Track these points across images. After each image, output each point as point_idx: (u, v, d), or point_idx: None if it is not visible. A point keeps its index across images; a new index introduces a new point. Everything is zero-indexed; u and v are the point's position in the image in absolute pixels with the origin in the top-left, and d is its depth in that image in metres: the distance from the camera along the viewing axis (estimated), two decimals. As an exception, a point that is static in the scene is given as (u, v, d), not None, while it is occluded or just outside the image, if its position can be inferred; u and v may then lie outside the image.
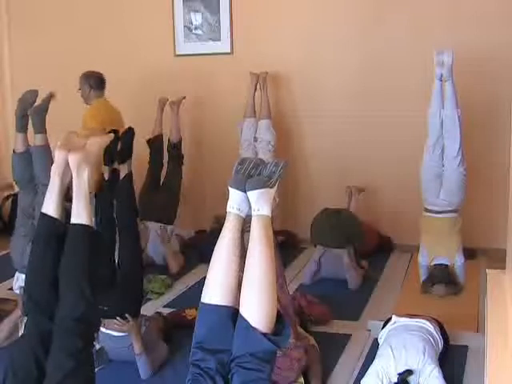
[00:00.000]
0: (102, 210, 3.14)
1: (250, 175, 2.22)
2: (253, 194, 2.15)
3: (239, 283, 2.11)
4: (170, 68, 5.84)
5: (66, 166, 2.25)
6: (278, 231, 4.51)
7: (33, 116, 4.19)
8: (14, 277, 4.25)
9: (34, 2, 6.22)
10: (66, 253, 2.19)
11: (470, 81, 4.76)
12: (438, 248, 4.38)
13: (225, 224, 2.18)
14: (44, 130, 4.19)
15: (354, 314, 4.12)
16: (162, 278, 4.65)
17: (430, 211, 4.43)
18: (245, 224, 2.20)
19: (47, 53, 6.14)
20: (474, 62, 4.86)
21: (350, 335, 3.79)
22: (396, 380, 2.97)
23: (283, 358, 3.00)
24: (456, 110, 4.25)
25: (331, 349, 3.54)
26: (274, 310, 2.09)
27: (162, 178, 5.39)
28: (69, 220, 2.24)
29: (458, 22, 5.04)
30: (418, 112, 4.59)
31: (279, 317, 2.11)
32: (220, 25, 5.67)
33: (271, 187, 2.21)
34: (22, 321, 3.65)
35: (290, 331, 2.33)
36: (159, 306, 4.28)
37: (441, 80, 4.27)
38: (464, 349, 3.53)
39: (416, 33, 5.16)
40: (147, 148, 5.29)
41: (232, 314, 2.09)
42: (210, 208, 5.69)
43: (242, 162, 2.26)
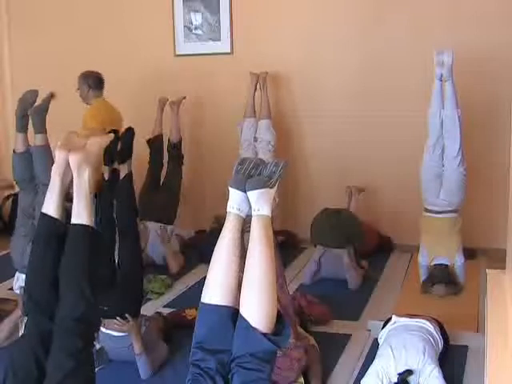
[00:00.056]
0: (102, 210, 3.14)
1: (250, 175, 2.22)
2: (253, 194, 2.15)
3: (239, 283, 2.11)
4: (170, 68, 5.84)
5: (67, 166, 2.25)
6: (278, 231, 4.51)
7: (33, 116, 4.19)
8: (14, 277, 4.25)
9: (33, 2, 6.22)
10: (66, 253, 2.19)
11: (469, 81, 4.76)
12: (438, 248, 4.38)
13: (225, 224, 2.18)
14: (44, 129, 4.19)
15: (354, 313, 4.12)
16: (162, 277, 4.65)
17: (430, 211, 4.43)
18: (245, 224, 2.20)
19: (47, 53, 6.15)
20: (474, 62, 4.86)
21: (350, 335, 3.80)
22: (396, 380, 2.97)
23: (283, 358, 3.00)
24: (456, 110, 4.25)
25: (331, 349, 3.54)
26: (274, 310, 2.09)
27: (162, 178, 5.39)
28: (69, 220, 2.24)
29: (458, 22, 5.04)
30: (418, 112, 4.59)
31: (279, 317, 2.11)
32: (220, 25, 5.67)
33: (271, 187, 2.21)
34: (22, 321, 3.66)
35: (290, 331, 2.33)
36: (159, 305, 4.29)
37: (441, 80, 4.27)
38: (464, 349, 3.53)
39: (416, 33, 5.16)
40: (147, 148, 5.29)
41: (232, 314, 2.09)
42: (210, 208, 5.69)
43: (242, 162, 2.26)
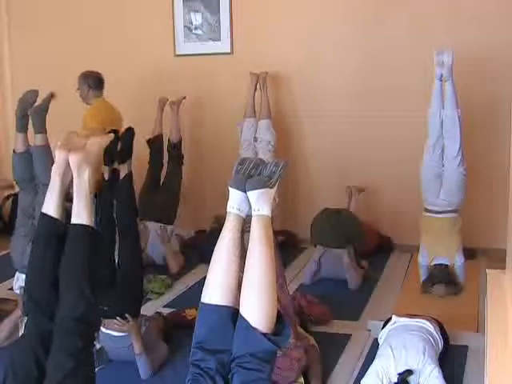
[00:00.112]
0: (102, 210, 3.14)
1: (250, 175, 2.22)
2: (253, 194, 2.15)
3: (239, 283, 2.11)
4: (170, 68, 5.84)
5: (67, 166, 2.25)
6: (278, 231, 4.51)
7: (33, 116, 4.19)
8: (14, 277, 4.26)
9: (33, 2, 6.22)
10: (66, 253, 2.19)
11: (469, 81, 4.76)
12: (438, 248, 4.38)
13: (225, 224, 2.18)
14: (44, 129, 4.19)
15: (354, 313, 4.11)
16: (162, 277, 4.65)
17: (430, 211, 4.43)
18: (245, 224, 2.20)
19: (47, 53, 6.14)
20: (474, 62, 4.86)
21: (350, 335, 3.79)
22: (396, 380, 2.97)
23: (283, 358, 3.00)
24: (456, 110, 4.25)
25: (331, 349, 3.54)
26: (274, 310, 2.09)
27: (162, 178, 5.39)
28: (69, 220, 2.24)
29: (458, 22, 5.04)
30: (418, 112, 4.59)
31: (279, 317, 2.11)
32: (220, 25, 5.67)
33: (271, 187, 2.21)
34: (22, 321, 3.66)
35: (290, 331, 2.33)
36: (159, 305, 4.29)
37: (441, 80, 4.27)
38: (464, 349, 3.53)
39: (416, 33, 5.16)
40: (147, 148, 5.29)
41: (232, 314, 2.09)
42: (210, 208, 5.69)
43: (242, 162, 2.26)
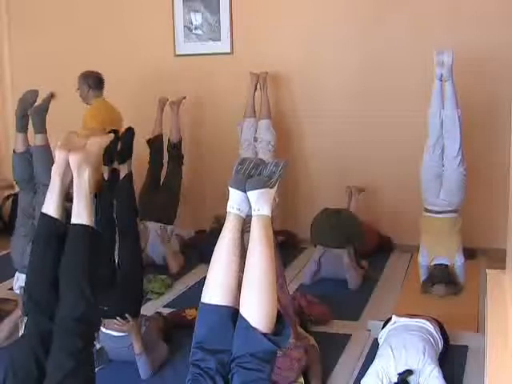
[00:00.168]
0: (102, 210, 3.14)
1: (250, 175, 2.22)
2: (253, 194, 2.15)
3: (239, 283, 2.11)
4: (170, 68, 5.84)
5: (67, 166, 2.25)
6: (278, 231, 4.51)
7: (33, 116, 4.19)
8: (14, 277, 4.26)
9: (34, 2, 6.22)
10: (66, 253, 2.19)
11: (469, 81, 4.76)
12: (438, 248, 4.38)
13: (225, 224, 2.18)
14: (44, 129, 4.19)
15: (354, 313, 4.11)
16: (162, 277, 4.65)
17: (430, 211, 4.43)
18: (245, 224, 2.20)
19: (47, 53, 6.14)
20: (474, 62, 4.85)
21: (350, 335, 3.79)
22: (396, 380, 2.97)
23: (283, 358, 3.00)
24: (456, 110, 4.25)
25: (331, 349, 3.54)
26: (274, 310, 2.09)
27: (162, 178, 5.39)
28: (69, 220, 2.24)
29: (458, 22, 5.04)
30: (418, 112, 4.59)
31: (279, 317, 2.11)
32: (220, 25, 5.67)
33: (271, 187, 2.21)
34: (22, 321, 3.66)
35: (290, 331, 2.33)
36: (159, 305, 4.29)
37: (441, 80, 4.27)
38: (464, 349, 3.53)
39: (416, 33, 5.16)
40: (147, 148, 5.29)
41: (232, 314, 2.09)
42: (210, 208, 5.69)
43: (242, 162, 2.26)
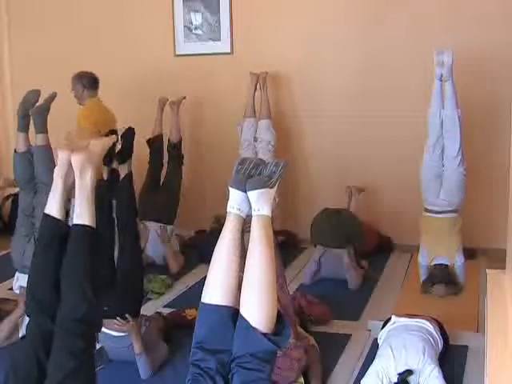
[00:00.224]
0: (102, 210, 3.14)
1: (250, 175, 2.22)
2: (253, 194, 2.15)
3: (239, 283, 2.11)
4: (170, 68, 5.84)
5: (69, 166, 2.25)
6: (278, 231, 4.50)
7: (34, 116, 4.19)
8: (14, 277, 4.25)
9: (34, 2, 6.22)
10: (68, 254, 2.19)
11: (469, 81, 4.76)
12: (438, 248, 4.38)
13: (225, 224, 2.18)
14: (45, 129, 4.18)
15: (354, 313, 4.12)
16: (162, 277, 4.65)
17: (430, 211, 4.43)
18: (245, 224, 2.20)
19: (47, 53, 6.14)
20: (474, 62, 4.85)
21: (350, 335, 3.80)
22: (396, 380, 2.97)
23: (283, 358, 3.00)
24: (456, 110, 4.25)
25: (331, 349, 3.54)
26: (274, 310, 2.09)
27: (162, 178, 5.39)
28: (67, 219, 2.24)
29: (458, 22, 5.04)
30: (418, 112, 4.59)
31: (279, 317, 2.11)
32: (220, 25, 5.67)
33: (271, 187, 2.21)
34: (22, 321, 3.67)
35: (290, 331, 2.33)
36: (159, 305, 4.29)
37: (441, 80, 4.27)
38: (464, 349, 3.53)
39: (416, 33, 5.16)
40: (147, 148, 5.29)
41: (232, 314, 2.09)
42: (210, 208, 5.69)
43: (242, 162, 2.26)
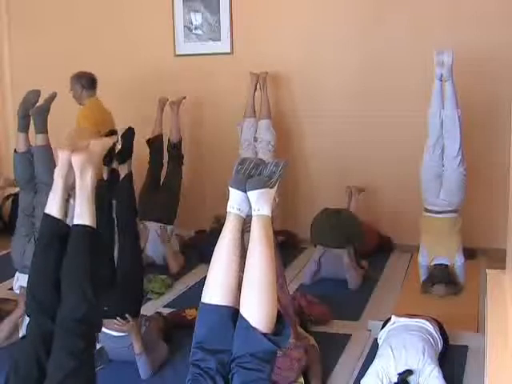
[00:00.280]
0: (102, 210, 3.14)
1: (250, 175, 2.22)
2: (253, 194, 2.15)
3: (239, 283, 2.11)
4: (170, 68, 5.84)
5: (70, 166, 2.25)
6: (278, 231, 4.50)
7: (34, 116, 4.19)
8: (14, 277, 4.25)
9: (34, 2, 6.22)
10: (68, 254, 2.19)
11: (469, 81, 4.76)
12: (438, 248, 4.38)
13: (225, 224, 2.18)
14: (45, 130, 4.19)
15: (354, 313, 4.12)
16: (162, 277, 4.65)
17: (430, 211, 4.43)
18: (245, 224, 2.20)
19: (47, 53, 6.14)
20: (474, 62, 4.85)
21: (350, 335, 3.80)
22: (396, 380, 2.97)
23: (283, 358, 3.00)
24: (456, 110, 4.25)
25: (331, 349, 3.54)
26: (274, 310, 2.09)
27: (162, 178, 5.39)
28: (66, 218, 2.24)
29: (458, 22, 5.04)
30: (418, 112, 4.59)
31: (279, 317, 2.11)
32: (220, 25, 5.67)
33: (271, 187, 2.21)
34: (22, 321, 3.67)
35: (290, 331, 2.33)
36: (159, 305, 4.29)
37: (441, 80, 4.27)
38: (464, 349, 3.53)
39: (416, 33, 5.16)
40: (147, 148, 5.29)
41: (232, 314, 2.09)
42: (210, 208, 5.69)
43: (242, 162, 2.26)
